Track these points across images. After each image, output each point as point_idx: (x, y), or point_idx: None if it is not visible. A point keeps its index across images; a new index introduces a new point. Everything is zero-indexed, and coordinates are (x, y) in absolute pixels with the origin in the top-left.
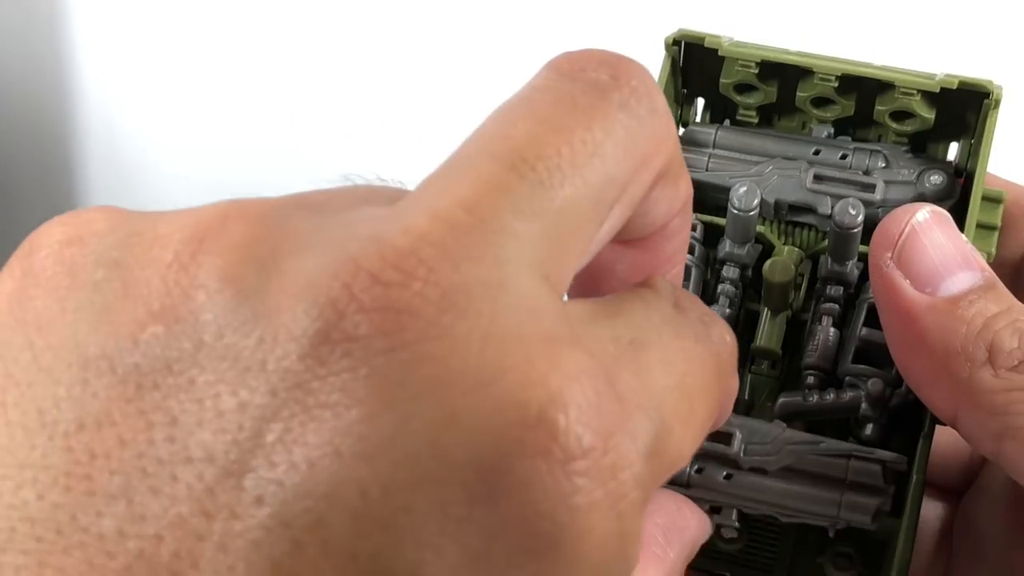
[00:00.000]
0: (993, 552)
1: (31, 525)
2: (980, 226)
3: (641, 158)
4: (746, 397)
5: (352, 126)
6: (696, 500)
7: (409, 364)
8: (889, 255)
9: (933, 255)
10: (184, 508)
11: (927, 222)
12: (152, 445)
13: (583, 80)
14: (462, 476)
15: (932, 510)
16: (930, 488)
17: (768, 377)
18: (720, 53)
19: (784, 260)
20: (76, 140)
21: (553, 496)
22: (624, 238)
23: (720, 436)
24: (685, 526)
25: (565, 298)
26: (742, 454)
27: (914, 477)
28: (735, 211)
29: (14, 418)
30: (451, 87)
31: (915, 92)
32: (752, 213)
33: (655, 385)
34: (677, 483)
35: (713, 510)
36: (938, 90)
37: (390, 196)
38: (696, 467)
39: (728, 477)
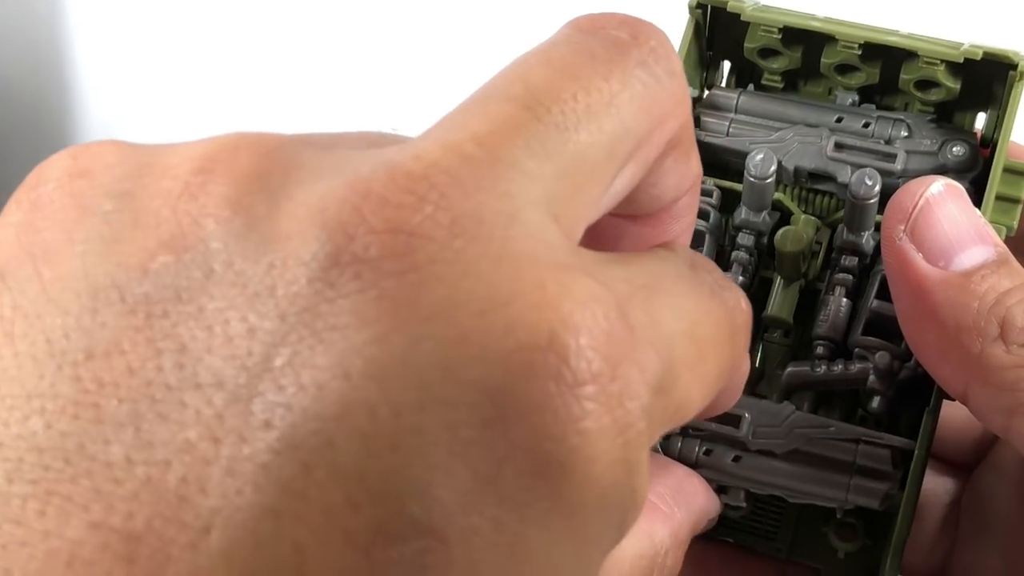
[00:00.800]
0: (1000, 528)
1: (39, 455)
2: (1001, 198)
3: (657, 117)
4: (757, 365)
5: (352, 126)
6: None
7: (420, 286)
8: (902, 228)
9: (947, 228)
10: (192, 433)
11: (941, 195)
12: (161, 372)
13: (603, 36)
14: (472, 397)
15: (941, 484)
16: (940, 463)
17: (780, 345)
18: (743, 18)
19: (797, 229)
20: (76, 140)
21: (563, 419)
22: (632, 212)
23: (729, 418)
24: (693, 492)
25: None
26: (750, 436)
27: (916, 452)
28: (751, 178)
29: (22, 349)
30: (456, 62)
31: (939, 62)
32: (768, 180)
33: (665, 327)
34: (686, 462)
35: (721, 490)
36: (962, 60)
37: (402, 142)
38: (705, 448)
39: (736, 459)
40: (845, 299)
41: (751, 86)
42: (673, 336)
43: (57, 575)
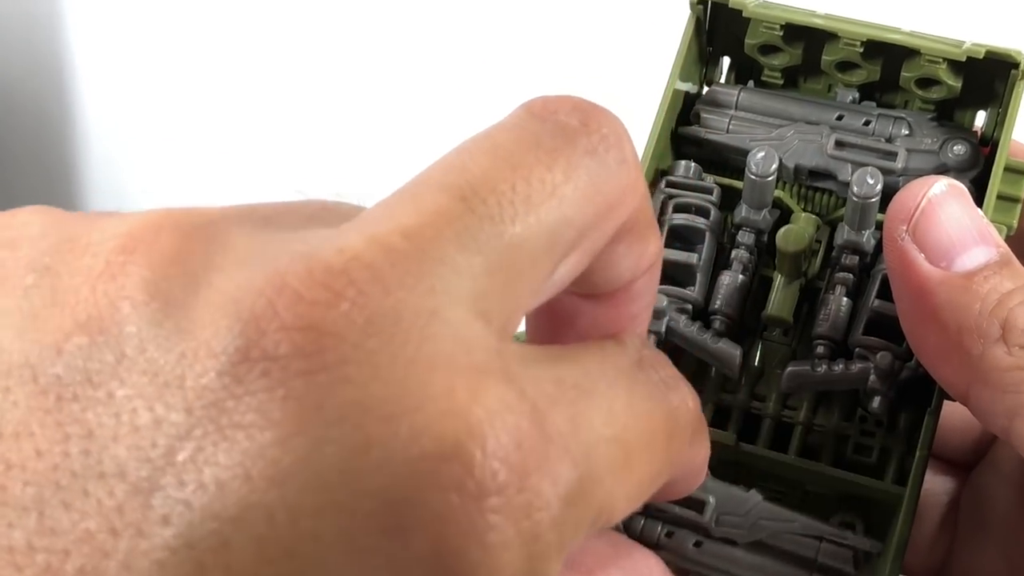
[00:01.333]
0: (999, 528)
1: None
2: (1002, 198)
3: (604, 206)
4: (757, 364)
5: (356, 132)
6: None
7: (328, 387)
8: (904, 228)
9: (949, 229)
10: (92, 524)
11: (943, 195)
12: (67, 458)
13: (552, 122)
14: (372, 505)
15: (940, 484)
16: (939, 462)
17: (780, 345)
18: (745, 14)
19: (799, 228)
20: (75, 142)
21: (466, 532)
22: (587, 291)
23: (693, 503)
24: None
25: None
26: (714, 523)
27: (918, 453)
28: (752, 176)
29: None
30: (430, 93)
31: (941, 60)
32: (769, 179)
33: (590, 432)
34: (646, 543)
35: (680, 572)
36: (964, 59)
37: (344, 214)
38: (666, 531)
39: (698, 544)
40: (845, 298)
41: (751, 83)
42: (597, 442)
43: None
